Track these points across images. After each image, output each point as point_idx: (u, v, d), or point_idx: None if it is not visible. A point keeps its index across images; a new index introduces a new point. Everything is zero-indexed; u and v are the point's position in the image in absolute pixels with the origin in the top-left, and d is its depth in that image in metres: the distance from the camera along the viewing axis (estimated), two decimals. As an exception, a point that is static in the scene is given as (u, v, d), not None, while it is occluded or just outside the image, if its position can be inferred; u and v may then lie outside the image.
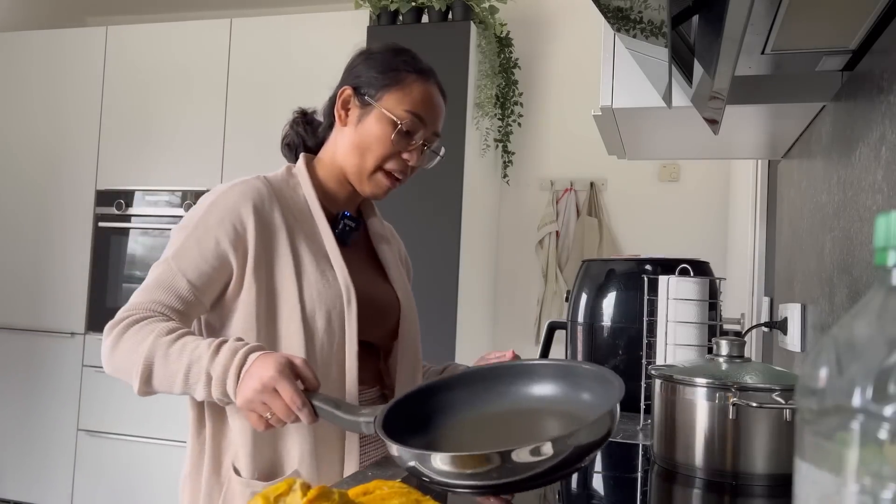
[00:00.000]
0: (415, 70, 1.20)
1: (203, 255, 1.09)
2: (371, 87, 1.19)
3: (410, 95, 1.18)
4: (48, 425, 3.41)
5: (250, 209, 1.12)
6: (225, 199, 1.12)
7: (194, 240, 1.09)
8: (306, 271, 1.13)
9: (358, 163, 1.19)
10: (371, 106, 1.18)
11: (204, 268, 1.09)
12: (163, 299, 1.08)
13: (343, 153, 1.20)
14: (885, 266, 0.36)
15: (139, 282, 3.32)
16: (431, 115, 1.21)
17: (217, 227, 1.10)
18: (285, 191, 1.18)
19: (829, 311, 1.16)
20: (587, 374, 0.82)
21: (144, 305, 1.08)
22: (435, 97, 1.22)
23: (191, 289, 1.08)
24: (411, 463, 0.73)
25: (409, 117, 1.17)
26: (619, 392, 0.76)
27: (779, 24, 0.93)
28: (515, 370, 0.88)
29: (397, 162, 1.19)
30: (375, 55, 1.22)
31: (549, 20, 3.41)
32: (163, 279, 1.08)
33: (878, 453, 0.32)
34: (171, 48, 3.39)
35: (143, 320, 1.06)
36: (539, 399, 0.85)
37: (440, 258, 2.86)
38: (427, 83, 1.21)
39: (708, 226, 3.14)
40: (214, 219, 1.10)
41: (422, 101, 1.19)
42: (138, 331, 1.05)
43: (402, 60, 1.20)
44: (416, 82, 1.19)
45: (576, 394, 0.82)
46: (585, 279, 1.56)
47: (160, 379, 1.03)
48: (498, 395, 0.87)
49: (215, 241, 1.09)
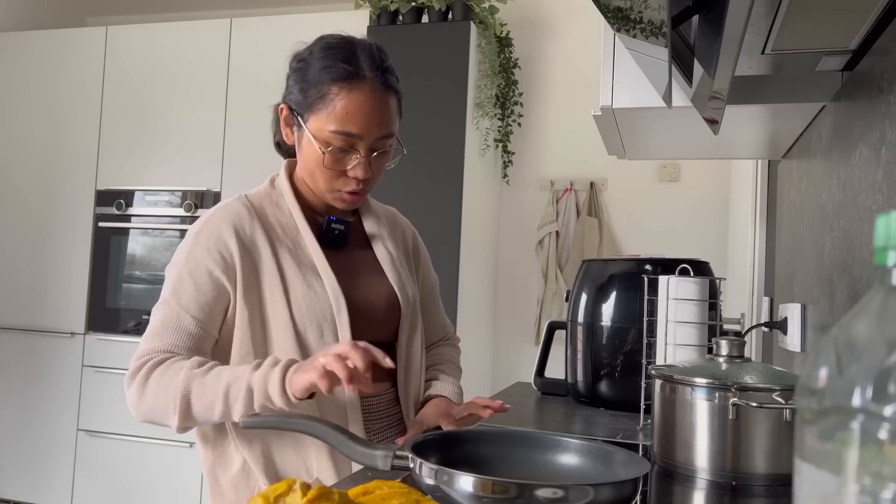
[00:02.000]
0: (337, 79, 1.08)
1: (199, 288, 1.09)
2: (299, 107, 1.12)
3: (334, 113, 1.07)
4: (48, 425, 3.41)
5: (232, 233, 1.11)
6: (207, 228, 1.12)
7: (187, 273, 1.09)
8: (293, 286, 1.12)
9: (313, 184, 1.16)
10: (302, 128, 1.12)
11: (203, 300, 1.09)
12: (173, 341, 1.08)
13: (301, 171, 1.19)
14: (885, 266, 0.36)
15: (139, 282, 3.35)
16: (365, 124, 1.08)
17: (206, 257, 1.10)
18: (267, 206, 1.18)
19: (829, 311, 1.16)
20: (618, 458, 0.83)
21: (158, 350, 1.08)
22: (367, 104, 1.08)
23: (197, 324, 1.08)
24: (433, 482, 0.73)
25: (338, 138, 1.08)
26: (646, 468, 0.77)
27: (779, 24, 0.93)
28: (545, 442, 0.88)
29: (345, 181, 1.13)
30: (300, 65, 1.14)
31: (549, 20, 3.41)
32: (168, 321, 1.08)
33: (878, 453, 0.32)
34: (172, 48, 3.39)
35: (164, 362, 1.06)
36: (567, 467, 0.86)
37: (440, 258, 2.86)
38: (353, 91, 1.08)
39: (708, 226, 3.14)
40: (201, 249, 1.10)
41: (348, 116, 1.07)
42: (164, 371, 1.05)
43: (325, 71, 1.09)
44: (338, 96, 1.07)
45: (606, 469, 0.83)
46: (585, 279, 1.56)
47: (199, 408, 1.03)
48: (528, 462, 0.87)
49: (207, 271, 1.09)
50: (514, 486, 0.69)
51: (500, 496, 0.69)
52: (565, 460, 0.86)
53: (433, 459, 0.77)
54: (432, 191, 2.88)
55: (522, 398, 1.61)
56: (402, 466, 0.81)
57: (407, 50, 2.95)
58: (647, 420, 1.15)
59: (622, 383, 1.45)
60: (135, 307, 3.34)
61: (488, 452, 0.87)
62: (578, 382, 1.53)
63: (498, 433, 0.93)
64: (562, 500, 0.68)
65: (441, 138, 2.87)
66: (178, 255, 1.13)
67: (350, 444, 0.86)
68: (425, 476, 0.73)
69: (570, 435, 0.95)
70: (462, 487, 0.70)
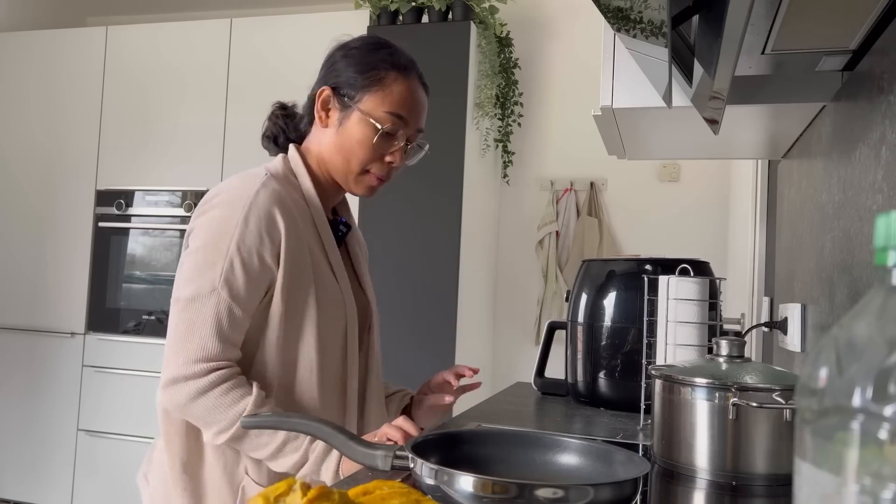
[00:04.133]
0: (394, 67, 1.15)
1: (251, 278, 1.07)
2: (350, 88, 1.15)
3: (391, 96, 1.14)
4: (48, 425, 3.41)
5: (280, 215, 1.09)
6: (256, 210, 1.07)
7: (240, 262, 1.06)
8: (320, 284, 1.13)
9: (342, 165, 1.17)
10: (351, 108, 1.14)
11: (253, 289, 1.07)
12: (236, 340, 1.07)
13: (328, 154, 1.18)
14: (885, 266, 0.36)
15: (139, 282, 3.35)
16: (413, 113, 1.16)
17: (258, 243, 1.07)
18: (290, 191, 1.16)
19: (829, 311, 1.16)
20: (618, 458, 0.83)
21: (226, 356, 1.06)
22: (416, 93, 1.17)
23: (245, 316, 1.08)
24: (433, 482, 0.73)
25: (390, 119, 1.14)
26: (646, 468, 0.77)
27: (779, 24, 0.93)
28: (546, 442, 0.88)
29: (381, 164, 1.17)
30: (353, 51, 1.18)
31: (549, 20, 3.41)
32: (220, 314, 1.05)
33: (878, 453, 0.32)
34: (172, 48, 3.39)
35: (231, 379, 1.05)
36: (567, 467, 0.86)
37: (440, 258, 2.86)
38: (408, 79, 1.16)
39: (708, 226, 3.14)
40: (253, 234, 1.06)
41: (402, 100, 1.15)
42: (228, 391, 1.04)
43: (381, 57, 1.16)
44: (395, 81, 1.15)
45: (606, 468, 0.83)
46: (585, 279, 1.56)
47: (250, 443, 1.06)
48: (529, 463, 0.87)
49: (259, 257, 1.07)
50: (514, 486, 0.69)
51: (500, 496, 0.69)
52: (565, 460, 0.86)
53: (433, 459, 0.77)
54: (432, 191, 2.88)
55: (522, 398, 1.61)
56: (402, 466, 0.81)
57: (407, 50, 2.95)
58: (647, 420, 1.15)
59: (622, 383, 1.45)
60: (135, 307, 3.34)
61: (488, 452, 0.87)
62: (578, 382, 1.53)
63: (498, 433, 0.93)
64: (562, 500, 0.68)
65: (441, 138, 2.87)
66: (221, 237, 1.06)
67: (350, 444, 0.86)
68: (425, 476, 0.73)
69: (570, 435, 0.95)
70: (462, 487, 0.70)
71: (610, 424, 1.33)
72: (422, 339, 2.86)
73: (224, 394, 1.03)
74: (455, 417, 1.31)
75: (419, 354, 2.85)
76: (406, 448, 0.80)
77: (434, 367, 2.83)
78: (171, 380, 1.05)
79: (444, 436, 0.88)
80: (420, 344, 2.85)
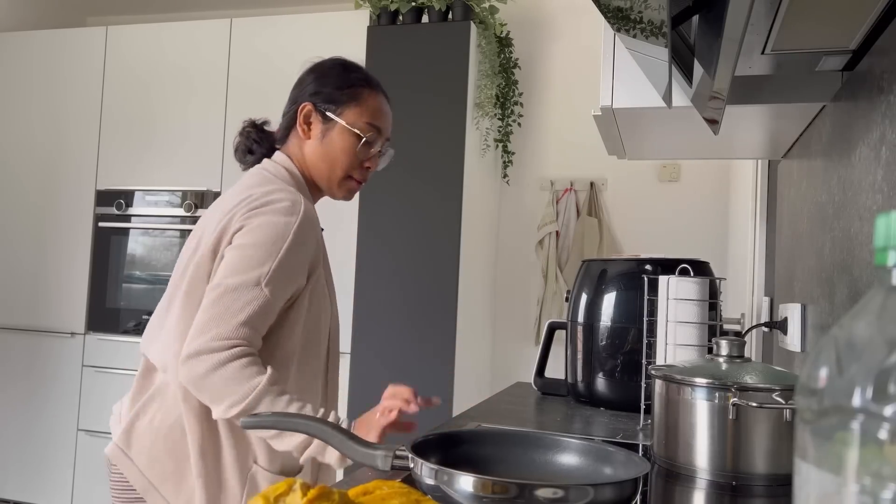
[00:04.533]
0: (368, 84, 1.32)
1: (292, 280, 1.18)
2: (331, 103, 1.30)
3: (369, 109, 1.31)
4: (48, 425, 3.41)
5: (317, 226, 1.23)
6: (305, 223, 1.19)
7: (287, 266, 1.16)
8: (328, 289, 1.28)
9: (327, 172, 1.31)
10: (333, 121, 1.29)
11: (290, 289, 1.18)
12: (260, 329, 1.15)
13: (311, 162, 1.31)
14: (885, 266, 0.36)
15: (139, 282, 3.35)
16: (385, 123, 1.34)
17: (302, 251, 1.18)
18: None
19: (829, 311, 1.16)
20: (618, 458, 0.83)
21: (250, 340, 1.13)
22: (385, 106, 1.35)
23: (273, 314, 1.18)
24: (433, 482, 0.73)
25: (370, 129, 1.30)
26: (646, 468, 0.77)
27: (779, 24, 0.93)
28: (545, 442, 0.88)
29: (360, 170, 1.32)
30: (329, 72, 1.32)
31: (549, 20, 3.41)
32: (257, 307, 1.14)
33: (878, 453, 0.32)
34: (172, 48, 3.39)
35: (249, 357, 1.12)
36: (567, 467, 0.86)
37: (440, 258, 2.86)
38: (378, 95, 1.33)
39: (708, 226, 3.14)
40: (299, 244, 1.18)
41: (377, 112, 1.32)
42: (244, 367, 1.11)
43: (357, 77, 1.32)
44: (370, 96, 1.32)
45: (606, 468, 0.83)
46: (585, 279, 1.56)
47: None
48: (529, 463, 0.87)
49: (301, 263, 1.19)
50: (514, 486, 0.69)
51: (500, 496, 0.69)
52: (565, 460, 0.86)
53: (433, 459, 0.77)
54: (432, 191, 2.88)
55: (522, 398, 1.61)
56: (402, 466, 0.81)
57: (407, 50, 2.95)
58: (647, 420, 1.15)
59: (622, 383, 1.45)
60: (135, 307, 3.34)
61: (488, 452, 0.87)
62: (578, 382, 1.53)
63: (498, 433, 0.93)
64: (562, 500, 0.68)
65: (441, 138, 2.87)
66: (275, 241, 1.16)
67: (350, 444, 0.86)
68: (425, 476, 0.73)
69: (570, 435, 0.95)
70: (462, 487, 0.70)
71: (610, 424, 1.33)
72: (422, 339, 2.86)
73: (243, 367, 1.10)
74: (455, 417, 1.31)
75: (419, 354, 2.85)
76: (406, 448, 0.81)
77: (434, 367, 2.84)
78: (194, 352, 1.11)
79: (444, 436, 0.88)
80: (420, 344, 2.85)
